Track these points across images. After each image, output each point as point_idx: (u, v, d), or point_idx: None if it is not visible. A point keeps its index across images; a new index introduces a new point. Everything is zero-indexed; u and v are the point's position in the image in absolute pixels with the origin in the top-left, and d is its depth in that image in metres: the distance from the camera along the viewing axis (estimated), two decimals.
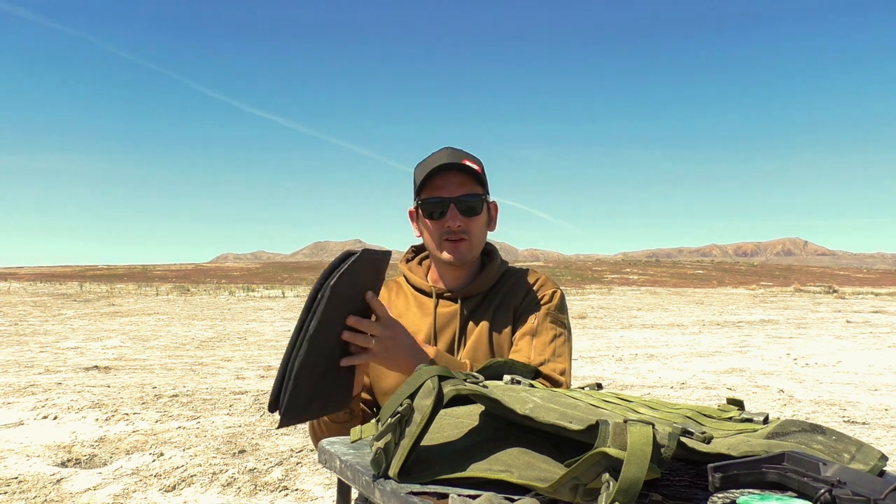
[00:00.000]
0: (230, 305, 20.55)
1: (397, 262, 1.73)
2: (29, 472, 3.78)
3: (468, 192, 1.47)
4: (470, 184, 1.48)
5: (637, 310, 19.51)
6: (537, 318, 1.50)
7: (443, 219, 1.47)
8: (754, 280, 51.46)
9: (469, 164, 1.47)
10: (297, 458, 4.08)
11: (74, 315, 16.10)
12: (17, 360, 8.33)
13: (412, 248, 1.69)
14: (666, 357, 9.16)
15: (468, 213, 1.47)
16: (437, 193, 1.47)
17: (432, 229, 1.50)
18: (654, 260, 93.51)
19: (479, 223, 1.50)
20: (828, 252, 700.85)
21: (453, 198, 1.46)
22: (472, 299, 1.53)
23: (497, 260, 1.58)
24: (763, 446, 0.75)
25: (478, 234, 1.50)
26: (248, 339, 11.25)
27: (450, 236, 1.48)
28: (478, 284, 1.54)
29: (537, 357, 1.44)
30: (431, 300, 1.55)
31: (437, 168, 1.46)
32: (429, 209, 1.49)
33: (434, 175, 1.47)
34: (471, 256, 1.50)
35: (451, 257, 1.49)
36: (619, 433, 0.64)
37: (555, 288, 1.57)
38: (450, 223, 1.47)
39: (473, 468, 0.77)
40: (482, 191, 1.50)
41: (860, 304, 22.31)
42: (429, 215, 1.50)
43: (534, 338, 1.47)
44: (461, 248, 1.48)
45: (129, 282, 43.24)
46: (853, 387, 6.84)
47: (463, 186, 1.47)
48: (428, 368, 0.85)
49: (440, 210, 1.47)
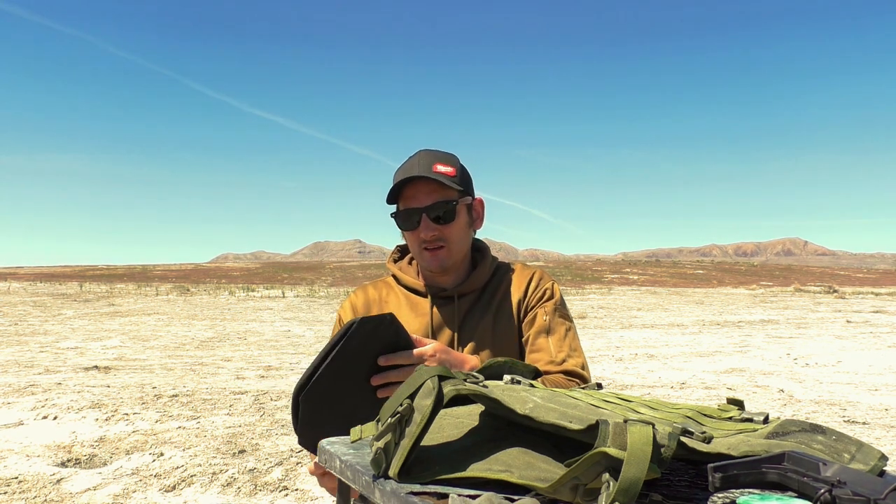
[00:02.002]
0: (230, 305, 20.54)
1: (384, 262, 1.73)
2: (29, 472, 3.78)
3: (439, 200, 1.45)
4: (441, 190, 1.45)
5: (637, 310, 19.51)
6: (547, 314, 1.51)
7: (417, 229, 1.47)
8: (754, 280, 51.44)
9: (441, 167, 1.45)
10: (297, 458, 4.08)
11: (74, 315, 16.10)
12: (17, 360, 8.32)
13: (398, 247, 1.68)
14: (666, 357, 9.16)
15: (441, 220, 1.46)
16: (409, 204, 1.47)
17: (410, 239, 1.51)
18: (654, 260, 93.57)
19: (455, 228, 1.48)
20: (828, 252, 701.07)
21: (424, 207, 1.45)
22: (467, 297, 1.53)
23: (489, 256, 1.58)
24: (763, 446, 0.75)
25: (456, 240, 1.49)
26: (248, 339, 11.25)
27: (427, 245, 1.47)
28: (472, 282, 1.53)
29: (559, 354, 1.45)
30: (425, 300, 1.54)
31: (404, 180, 1.44)
32: (402, 221, 1.49)
33: (404, 186, 1.46)
34: (452, 262, 1.50)
35: (431, 265, 1.49)
36: (620, 433, 0.64)
37: (552, 281, 1.58)
38: (423, 233, 1.46)
39: (473, 468, 0.77)
40: (456, 195, 1.47)
41: (860, 304, 22.31)
42: (403, 227, 1.50)
43: (549, 335, 1.48)
44: (440, 255, 1.48)
45: (129, 282, 43.23)
46: (853, 387, 6.84)
47: (434, 194, 1.45)
48: (428, 368, 0.85)
49: (413, 221, 1.47)
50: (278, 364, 8.30)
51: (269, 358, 8.88)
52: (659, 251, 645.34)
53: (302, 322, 14.84)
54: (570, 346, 1.47)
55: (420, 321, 1.51)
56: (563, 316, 1.53)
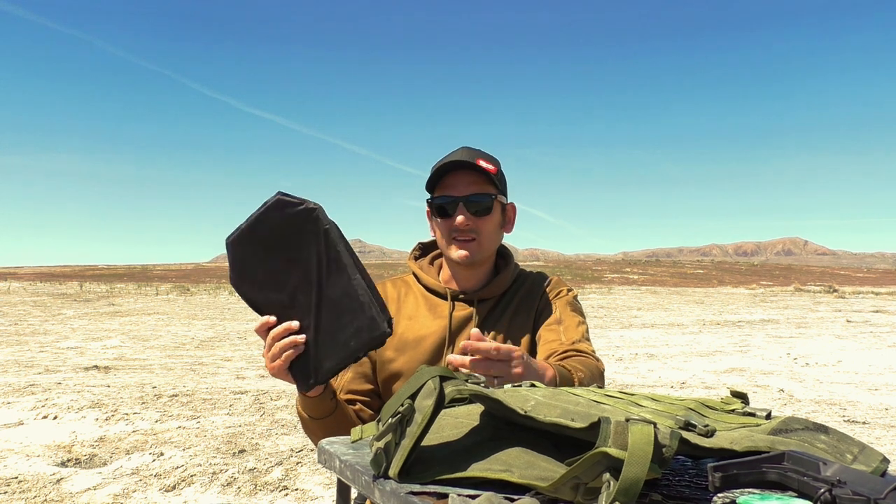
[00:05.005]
0: (230, 305, 20.54)
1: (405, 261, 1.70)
2: (29, 471, 3.78)
3: (478, 192, 1.45)
4: (481, 183, 1.46)
5: (637, 309, 19.51)
6: (558, 308, 1.50)
7: (452, 217, 1.46)
8: (754, 280, 51.45)
9: (483, 163, 1.45)
10: (297, 458, 4.08)
11: (74, 315, 16.10)
12: (17, 360, 8.32)
13: (420, 244, 1.66)
14: (666, 357, 9.16)
15: (477, 212, 1.45)
16: (447, 192, 1.46)
17: (442, 228, 1.49)
18: (654, 259, 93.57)
19: (489, 223, 1.47)
20: (828, 251, 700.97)
21: (462, 196, 1.44)
22: (486, 302, 1.51)
23: (512, 263, 1.56)
24: (766, 442, 0.74)
25: (488, 235, 1.48)
26: (248, 338, 11.25)
27: (458, 235, 1.46)
28: (494, 287, 1.51)
29: (569, 337, 1.43)
30: (445, 302, 1.51)
31: (447, 166, 1.44)
32: (438, 207, 1.48)
33: (445, 174, 1.46)
34: (481, 256, 1.48)
35: (460, 256, 1.46)
36: (621, 433, 0.64)
37: (568, 287, 1.58)
38: (458, 222, 1.45)
39: (473, 468, 0.77)
40: (495, 191, 1.47)
41: (860, 304, 22.31)
42: (438, 214, 1.48)
43: (560, 325, 1.47)
44: (471, 247, 1.46)
45: (129, 282, 43.24)
46: (853, 386, 6.85)
47: (473, 185, 1.45)
48: (429, 369, 0.85)
49: (449, 209, 1.46)
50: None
51: None
52: (659, 251, 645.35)
53: None
54: (581, 334, 1.45)
55: (438, 323, 1.49)
56: (576, 310, 1.52)
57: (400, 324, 1.50)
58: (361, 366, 1.50)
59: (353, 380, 1.49)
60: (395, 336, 1.50)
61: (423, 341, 1.47)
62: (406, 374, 1.46)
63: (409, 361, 1.46)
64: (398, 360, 1.47)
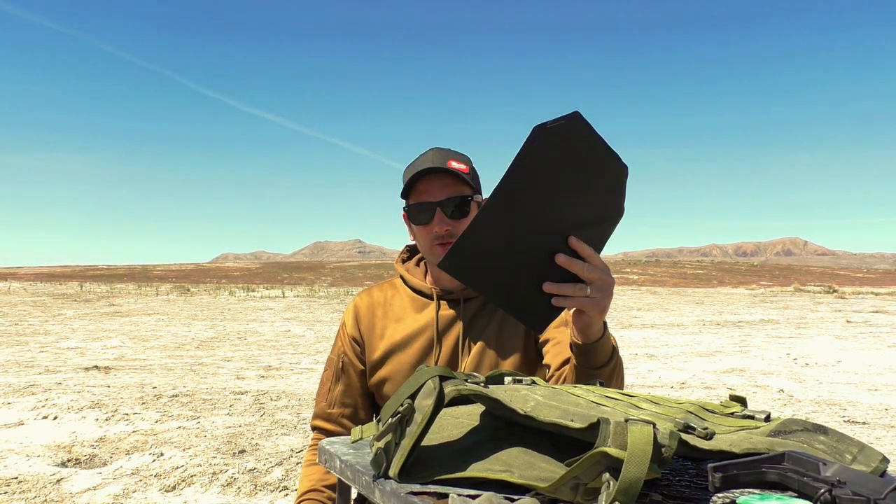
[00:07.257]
0: (230, 305, 20.54)
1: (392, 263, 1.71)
2: (29, 472, 3.78)
3: (453, 195, 1.45)
4: (455, 185, 1.45)
5: (637, 309, 19.51)
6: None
7: (430, 223, 1.45)
8: (754, 280, 51.44)
9: (455, 164, 1.44)
10: (297, 458, 4.08)
11: (74, 315, 16.10)
12: (17, 360, 8.32)
13: (407, 247, 1.67)
14: (666, 357, 9.16)
15: (455, 215, 1.45)
16: (422, 198, 1.46)
17: (422, 234, 1.49)
18: (654, 260, 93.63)
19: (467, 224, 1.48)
20: (828, 252, 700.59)
21: (438, 202, 1.44)
22: (473, 300, 1.52)
23: None
24: (766, 444, 0.75)
25: None
26: (248, 339, 11.25)
27: (439, 241, 1.46)
28: None
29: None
30: (432, 303, 1.52)
31: (420, 172, 1.44)
32: (415, 215, 1.48)
33: (418, 180, 1.45)
34: None
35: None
36: (620, 433, 0.64)
37: None
38: (437, 228, 1.44)
39: (473, 468, 0.77)
40: (470, 191, 1.47)
41: (860, 304, 22.31)
42: (415, 221, 1.48)
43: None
44: None
45: (129, 282, 43.23)
46: (853, 386, 6.85)
47: (448, 189, 1.45)
48: (429, 368, 0.85)
49: (426, 215, 1.45)
50: (278, 364, 8.30)
51: (269, 358, 8.88)
52: (659, 251, 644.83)
53: (302, 322, 14.85)
54: None
55: (426, 323, 1.50)
56: None
57: (388, 327, 1.52)
58: (348, 377, 1.54)
59: (345, 392, 1.54)
60: (384, 338, 1.51)
61: (411, 341, 1.48)
62: (395, 376, 1.48)
63: (399, 363, 1.48)
64: (388, 363, 1.49)
